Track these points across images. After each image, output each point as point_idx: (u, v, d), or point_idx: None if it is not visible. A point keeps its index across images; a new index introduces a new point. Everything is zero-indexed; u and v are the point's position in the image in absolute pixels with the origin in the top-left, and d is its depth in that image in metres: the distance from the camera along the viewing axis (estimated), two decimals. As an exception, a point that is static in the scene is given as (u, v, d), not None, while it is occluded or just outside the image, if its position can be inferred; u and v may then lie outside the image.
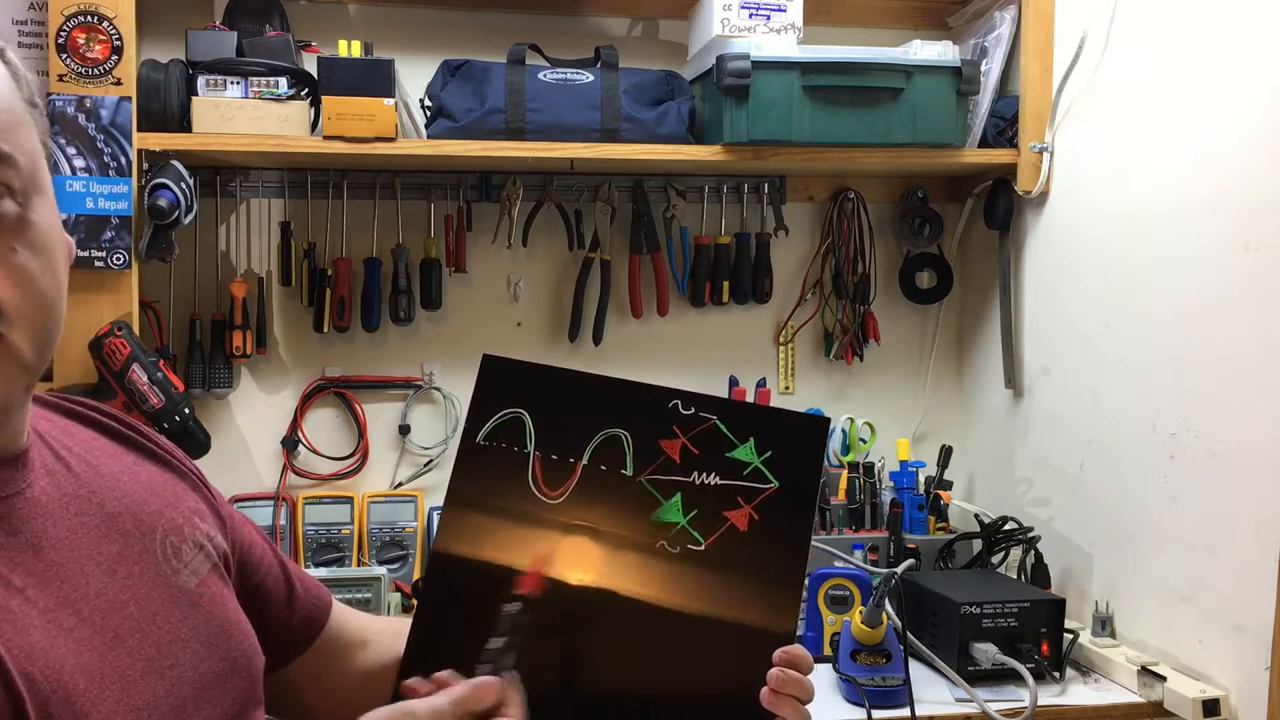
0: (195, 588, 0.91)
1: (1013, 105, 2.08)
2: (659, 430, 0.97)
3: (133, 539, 0.88)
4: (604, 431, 0.97)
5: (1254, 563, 1.53)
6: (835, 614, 1.82)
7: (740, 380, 2.26)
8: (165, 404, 1.77)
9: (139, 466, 0.95)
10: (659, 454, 0.96)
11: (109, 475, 0.90)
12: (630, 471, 0.96)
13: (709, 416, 0.97)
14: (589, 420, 0.97)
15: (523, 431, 0.98)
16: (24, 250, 0.77)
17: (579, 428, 0.97)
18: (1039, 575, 1.95)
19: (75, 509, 0.85)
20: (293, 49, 1.93)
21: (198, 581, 0.92)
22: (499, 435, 0.99)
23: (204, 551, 0.94)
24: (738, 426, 0.96)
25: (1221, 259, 1.61)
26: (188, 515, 0.95)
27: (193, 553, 0.93)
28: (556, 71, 2.00)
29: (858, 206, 2.31)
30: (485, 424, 0.99)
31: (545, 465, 0.97)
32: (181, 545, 0.92)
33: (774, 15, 1.99)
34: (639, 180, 2.20)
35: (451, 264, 2.16)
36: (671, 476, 0.95)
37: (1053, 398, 2.05)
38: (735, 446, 0.96)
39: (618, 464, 0.96)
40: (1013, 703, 1.63)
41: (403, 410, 2.20)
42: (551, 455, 0.97)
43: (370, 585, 1.70)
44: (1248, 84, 1.58)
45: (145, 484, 0.94)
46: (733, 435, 0.96)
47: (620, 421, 0.97)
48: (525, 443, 0.98)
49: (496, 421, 0.99)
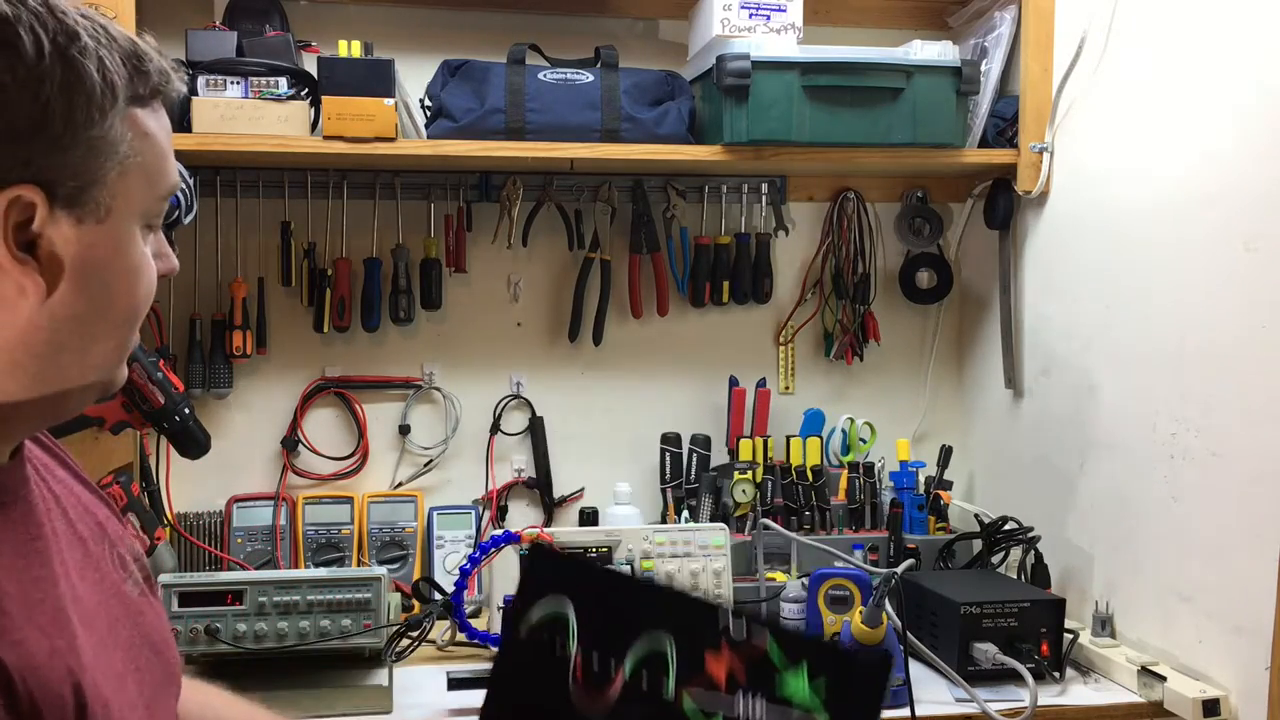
0: (137, 598, 0.92)
1: (1013, 105, 2.08)
2: (706, 641, 0.90)
3: (90, 545, 0.89)
4: (648, 635, 0.92)
5: (1254, 563, 1.53)
6: (835, 614, 1.82)
7: (740, 380, 2.26)
8: (165, 404, 1.77)
9: (72, 482, 0.96)
10: (702, 668, 0.90)
11: (65, 488, 0.91)
12: (671, 692, 0.90)
13: (760, 636, 0.89)
14: (634, 623, 0.93)
15: (566, 628, 0.95)
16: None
17: (623, 630, 0.93)
18: (1039, 575, 1.95)
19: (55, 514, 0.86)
20: (293, 49, 1.93)
21: (139, 593, 0.93)
22: (542, 629, 0.96)
23: (139, 564, 0.96)
24: (791, 649, 0.88)
25: (1221, 259, 1.61)
26: (124, 534, 0.97)
27: (132, 565, 0.94)
28: (556, 71, 2.00)
29: (858, 206, 2.31)
30: (529, 616, 0.96)
31: (586, 670, 0.93)
32: (125, 556, 0.93)
33: (774, 15, 1.99)
34: (639, 180, 2.20)
35: (451, 264, 2.16)
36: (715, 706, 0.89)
37: (1053, 398, 2.05)
38: (786, 674, 0.88)
39: (659, 683, 0.91)
40: (1013, 703, 1.63)
41: (403, 410, 2.20)
42: (593, 658, 0.93)
43: (370, 585, 1.70)
44: (1247, 84, 1.58)
45: (85, 500, 0.95)
46: (784, 658, 0.88)
47: (666, 626, 0.92)
48: (569, 642, 0.95)
49: (541, 614, 0.96)
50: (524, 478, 2.24)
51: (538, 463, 2.24)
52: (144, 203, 0.80)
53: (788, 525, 2.05)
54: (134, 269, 0.79)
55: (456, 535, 2.16)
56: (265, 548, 2.09)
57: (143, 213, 0.80)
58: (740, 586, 1.92)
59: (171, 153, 0.82)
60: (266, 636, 1.66)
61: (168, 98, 0.81)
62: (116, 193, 0.77)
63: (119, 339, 0.81)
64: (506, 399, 2.24)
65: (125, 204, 0.78)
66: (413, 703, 1.64)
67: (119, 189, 0.77)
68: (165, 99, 0.81)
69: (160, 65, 0.80)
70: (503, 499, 2.22)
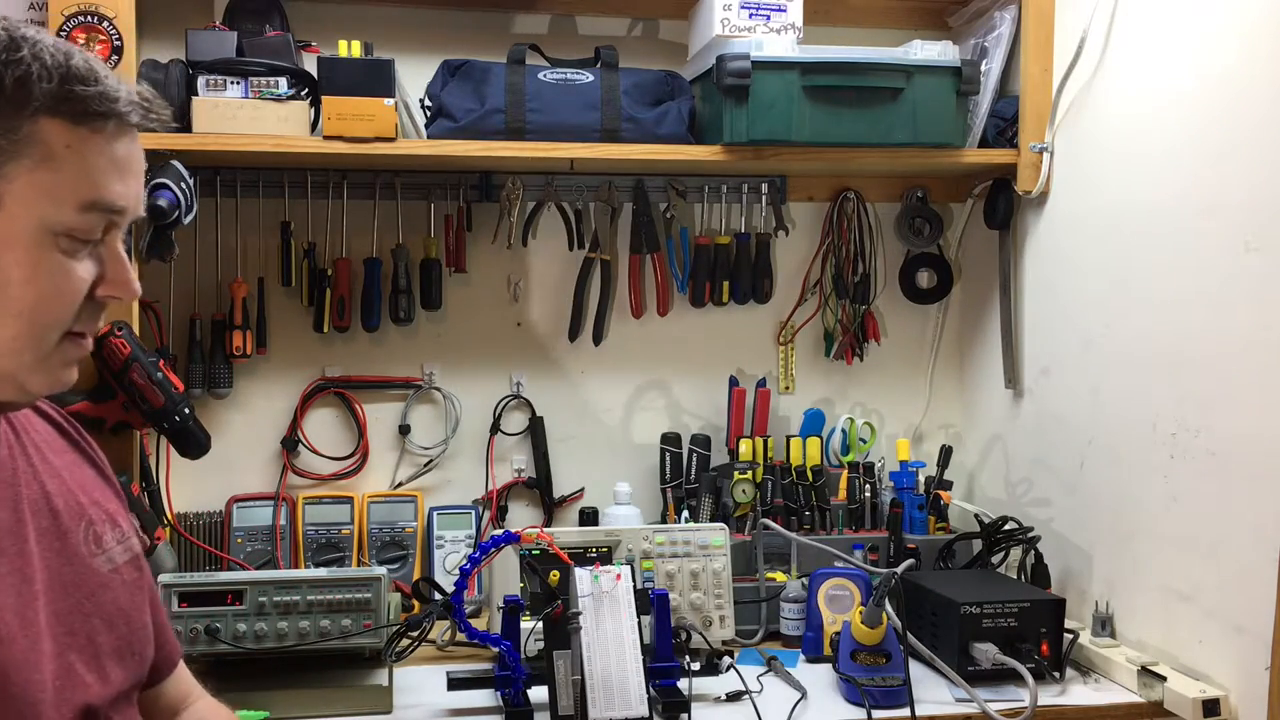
0: (108, 572, 1.05)
1: (1013, 105, 2.08)
2: None
3: (61, 518, 1.02)
4: None
5: (1254, 563, 1.53)
6: (835, 614, 1.83)
7: (740, 380, 2.26)
8: (165, 404, 1.77)
9: (79, 466, 1.10)
10: None
11: (54, 464, 1.05)
12: None
13: None
14: None
15: None
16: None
17: None
18: (1039, 575, 1.95)
19: (22, 480, 0.99)
20: (293, 49, 1.93)
21: (112, 568, 1.05)
22: None
23: (122, 545, 1.08)
24: None
25: (1221, 259, 1.61)
26: (112, 515, 1.09)
27: (112, 544, 1.07)
28: (556, 71, 2.00)
29: (858, 206, 2.31)
30: None
31: None
32: (103, 535, 1.06)
33: (774, 15, 1.99)
34: (639, 180, 2.19)
35: (451, 264, 2.16)
36: None
37: (1053, 398, 2.05)
38: None
39: None
40: (1013, 703, 1.63)
41: (403, 410, 2.20)
42: None
43: (370, 585, 1.70)
44: (1247, 84, 1.58)
45: (80, 481, 1.08)
46: None
47: None
48: None
49: None
50: (524, 478, 2.24)
51: (538, 463, 2.24)
52: (49, 208, 0.88)
53: (788, 525, 2.05)
54: (29, 265, 0.88)
55: (456, 535, 2.16)
56: (265, 548, 2.09)
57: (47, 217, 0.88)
58: (740, 586, 1.92)
59: (112, 175, 0.91)
60: (266, 636, 1.66)
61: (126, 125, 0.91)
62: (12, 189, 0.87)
63: (16, 332, 0.89)
64: (506, 399, 2.24)
65: (22, 201, 0.87)
66: (413, 703, 1.65)
67: (16, 186, 0.87)
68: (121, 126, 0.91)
69: (103, 93, 0.89)
70: (503, 499, 2.22)
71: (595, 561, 1.67)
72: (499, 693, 1.63)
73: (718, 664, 1.71)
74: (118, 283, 0.94)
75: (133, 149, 0.94)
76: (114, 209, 0.92)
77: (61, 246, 0.89)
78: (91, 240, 0.92)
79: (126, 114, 0.91)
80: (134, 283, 0.95)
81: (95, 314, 0.95)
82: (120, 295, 0.95)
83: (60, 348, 0.93)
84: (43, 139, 0.88)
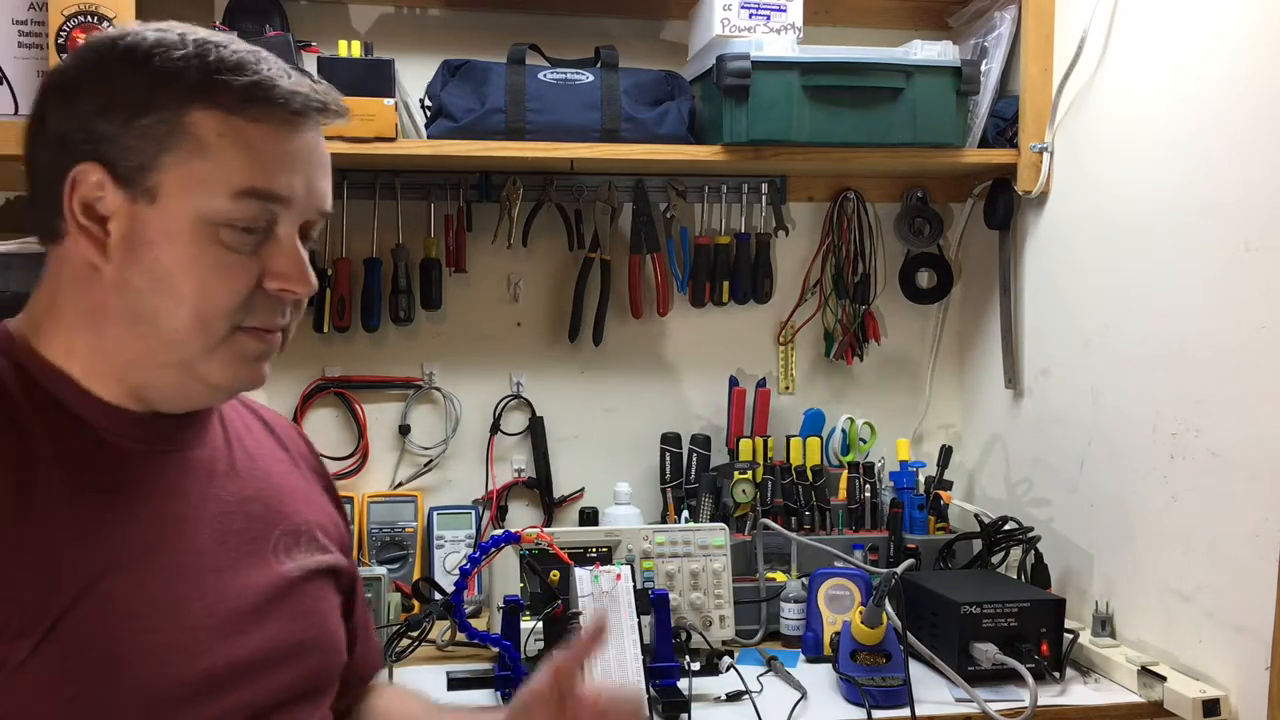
0: (296, 578, 1.01)
1: (1013, 105, 2.08)
2: None
3: (256, 522, 1.00)
4: None
5: (1254, 563, 1.53)
6: (835, 614, 1.83)
7: (740, 380, 2.26)
8: (165, 404, 1.77)
9: (292, 475, 1.10)
10: None
11: (262, 471, 1.04)
12: None
13: None
14: None
15: None
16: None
17: None
18: (1039, 575, 1.95)
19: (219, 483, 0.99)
20: (293, 49, 1.93)
21: (300, 574, 1.02)
22: None
23: (318, 557, 1.05)
24: None
25: (1221, 259, 1.61)
26: (314, 525, 1.07)
27: (306, 554, 1.04)
28: (556, 71, 2.00)
29: (858, 206, 2.31)
30: None
31: None
32: (297, 542, 1.04)
33: (774, 15, 1.99)
34: (639, 180, 2.19)
35: (451, 264, 2.16)
36: None
37: (1053, 398, 2.05)
38: None
39: None
40: (1013, 703, 1.63)
41: (403, 410, 2.20)
42: None
43: (370, 585, 1.70)
44: (1247, 84, 1.58)
45: (290, 489, 1.07)
46: None
47: None
48: None
49: None
50: (524, 478, 2.24)
51: (538, 463, 2.24)
52: (202, 197, 0.88)
53: (788, 525, 2.05)
54: (189, 256, 0.88)
55: (456, 535, 2.16)
56: (265, 548, 2.09)
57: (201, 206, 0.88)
58: (740, 586, 1.92)
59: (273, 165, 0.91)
60: (266, 636, 1.66)
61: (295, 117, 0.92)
62: (168, 179, 0.88)
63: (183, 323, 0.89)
64: (506, 399, 2.24)
65: (177, 193, 0.88)
66: (413, 703, 1.64)
67: (171, 176, 0.88)
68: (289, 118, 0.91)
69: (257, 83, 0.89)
70: (503, 499, 2.22)
71: (595, 561, 1.67)
72: (499, 693, 1.63)
73: (718, 664, 1.71)
74: (286, 275, 0.92)
75: (304, 141, 0.94)
76: (273, 197, 0.91)
77: (222, 238, 0.89)
78: (254, 231, 0.90)
79: (284, 104, 0.90)
80: (307, 275, 0.93)
81: (272, 307, 0.93)
82: (291, 288, 0.93)
83: (234, 340, 0.91)
84: (195, 129, 0.88)
